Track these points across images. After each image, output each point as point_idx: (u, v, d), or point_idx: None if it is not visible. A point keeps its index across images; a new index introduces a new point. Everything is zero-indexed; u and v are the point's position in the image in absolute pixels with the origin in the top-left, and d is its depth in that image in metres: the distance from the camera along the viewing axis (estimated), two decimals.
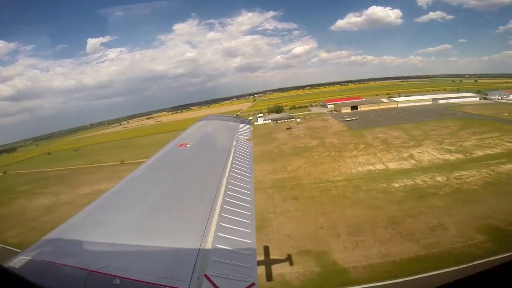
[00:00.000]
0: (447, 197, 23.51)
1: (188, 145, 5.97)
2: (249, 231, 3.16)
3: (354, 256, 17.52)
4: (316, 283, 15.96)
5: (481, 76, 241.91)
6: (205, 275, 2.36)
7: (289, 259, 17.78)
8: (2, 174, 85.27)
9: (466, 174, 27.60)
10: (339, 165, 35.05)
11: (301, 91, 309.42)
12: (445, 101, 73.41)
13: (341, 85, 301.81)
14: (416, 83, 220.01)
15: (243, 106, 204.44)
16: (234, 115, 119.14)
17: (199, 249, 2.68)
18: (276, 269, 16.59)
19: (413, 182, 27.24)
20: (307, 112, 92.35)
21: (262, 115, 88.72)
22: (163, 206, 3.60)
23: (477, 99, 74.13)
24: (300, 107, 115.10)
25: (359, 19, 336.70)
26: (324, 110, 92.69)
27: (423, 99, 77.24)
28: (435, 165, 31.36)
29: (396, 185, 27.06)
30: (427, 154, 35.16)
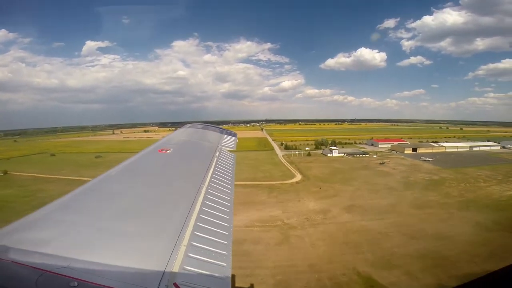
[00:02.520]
0: None
1: (168, 151, 6.14)
2: (225, 242, 3.25)
3: None
4: None
5: (452, 122, 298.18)
6: (175, 284, 2.35)
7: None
8: (1, 174, 73.60)
9: None
10: (487, 192, 54.31)
11: (297, 125, 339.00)
12: (478, 148, 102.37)
13: (336, 124, 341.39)
14: (407, 127, 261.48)
15: (252, 133, 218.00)
16: (280, 143, 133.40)
17: (171, 256, 2.67)
18: None
19: None
20: (372, 149, 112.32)
21: (336, 148, 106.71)
22: (135, 210, 3.59)
23: (499, 147, 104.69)
24: (346, 143, 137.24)
25: (347, 59, 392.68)
26: (376, 149, 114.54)
27: (462, 146, 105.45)
28: None
29: None
30: None
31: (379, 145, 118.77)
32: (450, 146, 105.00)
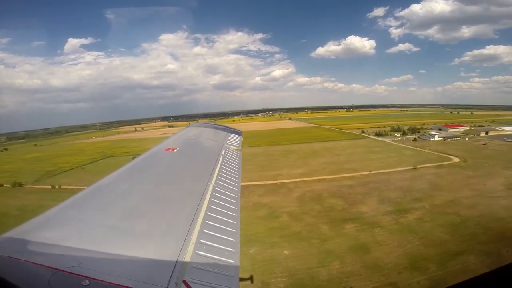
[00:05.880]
0: None
1: (175, 150, 6.53)
2: (233, 240, 3.45)
3: None
4: None
5: (443, 106, 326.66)
6: (184, 281, 2.47)
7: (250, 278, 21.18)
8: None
9: None
10: None
11: (308, 114, 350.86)
12: None
13: (346, 111, 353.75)
14: (421, 113, 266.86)
15: (292, 124, 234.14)
16: (361, 131, 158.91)
17: (179, 254, 2.82)
18: None
19: None
20: (445, 133, 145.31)
21: (437, 133, 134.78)
22: (144, 208, 3.83)
23: None
24: (416, 128, 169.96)
25: (337, 47, 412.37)
26: (447, 133, 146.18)
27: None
28: None
29: None
30: None
31: (449, 130, 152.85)
32: (509, 129, 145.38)
